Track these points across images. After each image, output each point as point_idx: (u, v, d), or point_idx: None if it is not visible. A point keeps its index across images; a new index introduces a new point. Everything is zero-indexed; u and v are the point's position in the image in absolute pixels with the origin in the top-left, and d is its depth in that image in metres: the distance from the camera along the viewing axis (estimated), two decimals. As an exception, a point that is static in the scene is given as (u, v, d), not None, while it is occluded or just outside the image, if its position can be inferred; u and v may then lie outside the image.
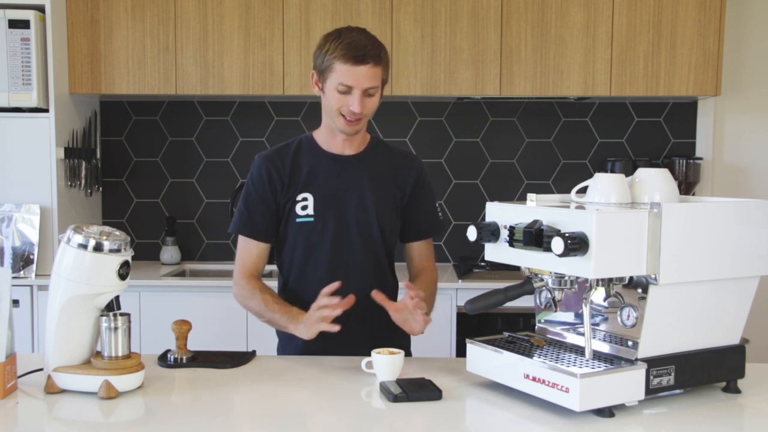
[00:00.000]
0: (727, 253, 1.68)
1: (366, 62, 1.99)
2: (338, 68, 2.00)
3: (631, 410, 1.60)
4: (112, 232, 1.74)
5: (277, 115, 3.89)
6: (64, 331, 1.72)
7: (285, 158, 2.13)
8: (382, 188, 2.15)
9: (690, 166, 3.73)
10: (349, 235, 2.12)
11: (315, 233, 2.11)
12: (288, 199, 2.11)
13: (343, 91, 2.01)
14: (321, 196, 2.11)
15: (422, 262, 2.24)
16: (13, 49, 3.29)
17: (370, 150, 2.19)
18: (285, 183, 2.11)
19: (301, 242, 2.12)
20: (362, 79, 2.00)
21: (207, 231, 3.95)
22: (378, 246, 2.15)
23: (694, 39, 3.45)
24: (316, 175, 2.12)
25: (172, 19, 3.51)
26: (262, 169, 2.13)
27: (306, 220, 2.11)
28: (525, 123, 3.88)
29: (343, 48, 2.00)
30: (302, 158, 2.14)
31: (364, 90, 2.01)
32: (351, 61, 1.98)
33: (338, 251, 2.12)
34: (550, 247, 1.53)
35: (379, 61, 2.03)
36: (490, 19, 3.47)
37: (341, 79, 2.00)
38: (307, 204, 2.11)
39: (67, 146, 3.48)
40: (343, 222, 2.11)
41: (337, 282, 1.97)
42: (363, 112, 2.03)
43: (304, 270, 2.14)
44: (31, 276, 3.30)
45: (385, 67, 2.06)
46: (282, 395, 1.79)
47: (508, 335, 1.84)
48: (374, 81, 2.02)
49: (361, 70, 1.99)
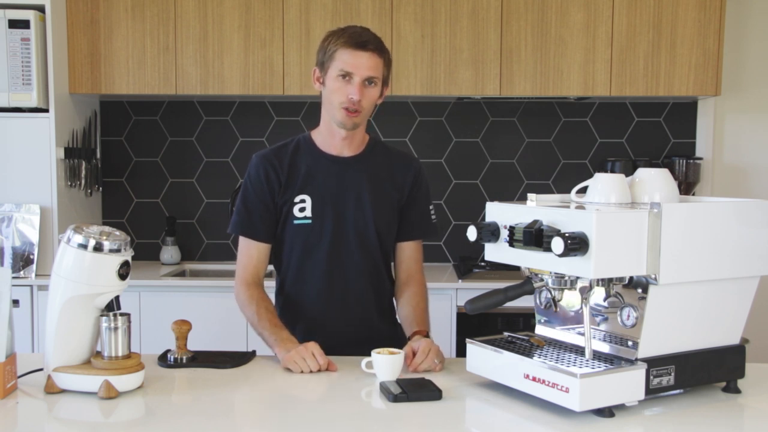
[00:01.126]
0: (727, 253, 1.68)
1: (367, 49, 2.01)
2: (339, 56, 2.01)
3: (631, 410, 1.60)
4: (112, 232, 1.74)
5: (277, 115, 3.89)
6: (64, 331, 1.72)
7: (283, 158, 2.12)
8: (380, 190, 2.14)
9: (690, 166, 3.73)
10: (346, 238, 2.11)
11: (313, 235, 2.10)
12: (285, 200, 2.11)
13: (344, 76, 2.01)
14: (319, 198, 2.10)
15: (411, 266, 2.21)
16: (13, 49, 3.29)
17: (369, 151, 2.18)
18: (282, 183, 2.11)
19: (298, 244, 2.12)
20: (363, 66, 2.00)
21: (207, 231, 3.95)
22: (375, 248, 2.14)
23: (694, 39, 3.45)
24: (314, 177, 2.11)
25: (172, 19, 3.51)
26: (259, 168, 2.12)
27: (304, 222, 2.10)
28: (525, 123, 3.88)
29: (345, 37, 2.02)
30: (300, 159, 2.13)
31: (364, 78, 2.01)
32: (352, 47, 2.00)
33: (335, 253, 2.11)
34: (550, 247, 1.53)
35: (381, 52, 2.04)
36: (490, 19, 3.47)
37: (342, 65, 2.01)
38: (305, 206, 2.10)
39: (67, 146, 3.48)
40: (341, 224, 2.11)
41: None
42: (362, 103, 2.02)
43: (302, 271, 2.13)
44: (31, 276, 3.30)
45: (386, 64, 2.07)
46: (282, 395, 1.79)
47: (508, 335, 1.83)
48: (375, 71, 2.02)
49: (362, 56, 2.00)
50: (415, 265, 2.22)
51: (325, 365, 1.89)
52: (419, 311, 2.12)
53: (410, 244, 2.21)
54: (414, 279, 2.20)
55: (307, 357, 1.89)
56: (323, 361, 1.89)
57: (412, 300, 2.15)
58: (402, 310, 2.17)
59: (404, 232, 2.21)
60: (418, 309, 2.13)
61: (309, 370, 1.88)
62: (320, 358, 1.89)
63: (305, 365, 1.88)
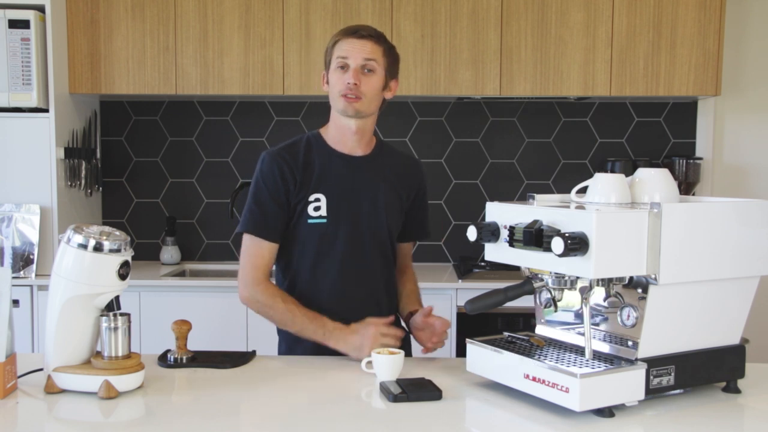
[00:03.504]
0: (727, 253, 1.68)
1: (360, 35, 2.04)
2: (337, 47, 2.06)
3: (631, 410, 1.60)
4: (112, 232, 1.73)
5: (277, 115, 3.89)
6: (64, 331, 1.72)
7: (297, 156, 2.09)
8: (391, 190, 2.16)
9: (690, 166, 3.73)
10: (361, 237, 2.10)
11: (328, 235, 2.08)
12: (300, 199, 2.07)
13: (341, 65, 2.03)
14: (334, 196, 2.08)
15: (404, 260, 2.30)
16: (13, 49, 3.29)
17: (378, 152, 2.18)
18: (298, 181, 2.06)
19: (311, 244, 2.08)
20: (356, 51, 2.02)
21: (207, 231, 3.95)
22: (387, 247, 2.16)
23: (694, 39, 3.45)
24: (328, 175, 2.09)
25: (172, 19, 3.51)
26: (273, 166, 2.06)
27: (319, 221, 2.07)
28: (525, 123, 3.89)
29: (342, 30, 2.09)
30: (313, 157, 2.10)
31: (360, 65, 2.02)
32: (347, 35, 2.05)
33: (351, 253, 2.09)
34: (550, 247, 1.53)
35: (378, 40, 2.06)
36: (490, 19, 3.47)
37: (338, 53, 2.05)
38: (319, 205, 2.07)
39: (67, 146, 3.48)
40: (356, 224, 2.09)
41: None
42: (361, 89, 2.02)
43: (314, 272, 2.09)
44: (31, 276, 3.30)
45: (387, 54, 2.08)
46: (282, 395, 1.79)
47: (508, 335, 1.83)
48: (370, 54, 2.03)
49: (356, 42, 2.03)
50: (407, 260, 2.32)
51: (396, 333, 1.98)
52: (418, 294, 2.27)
53: (407, 243, 2.29)
54: (408, 269, 2.32)
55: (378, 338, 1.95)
56: (393, 331, 1.98)
57: (412, 279, 2.29)
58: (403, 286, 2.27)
59: (407, 233, 2.23)
60: (417, 291, 2.27)
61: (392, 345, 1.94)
62: (385, 329, 1.97)
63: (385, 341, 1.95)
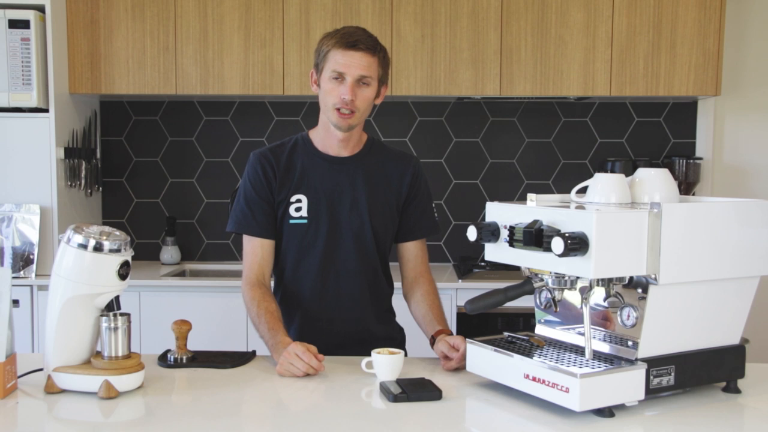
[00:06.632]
0: (727, 253, 1.67)
1: (358, 48, 1.99)
2: (331, 56, 2.01)
3: (631, 410, 1.60)
4: (112, 232, 1.73)
5: (277, 115, 3.89)
6: (64, 331, 1.72)
7: (280, 157, 2.12)
8: (376, 191, 2.14)
9: (690, 166, 3.73)
10: (341, 238, 2.10)
11: (308, 235, 2.10)
12: (282, 199, 2.10)
13: (336, 78, 2.00)
14: (314, 198, 2.10)
15: (417, 266, 2.20)
16: (13, 49, 3.29)
17: (366, 151, 2.17)
18: (278, 181, 2.10)
19: (293, 244, 2.11)
20: (354, 66, 1.99)
21: (207, 231, 3.95)
22: (371, 249, 2.13)
23: (694, 39, 3.45)
24: (309, 176, 2.11)
25: (172, 19, 3.51)
26: (257, 166, 2.11)
27: (299, 222, 2.10)
28: (525, 123, 3.88)
29: (337, 37, 2.02)
30: (297, 158, 2.13)
31: (356, 78, 2.00)
32: (343, 47, 2.00)
33: (330, 254, 2.10)
34: (550, 247, 1.53)
35: (374, 51, 2.02)
36: (490, 19, 3.47)
37: (334, 66, 2.00)
38: (300, 206, 2.10)
39: (67, 146, 3.48)
40: (336, 225, 2.10)
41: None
42: (355, 103, 2.01)
43: (297, 270, 2.12)
44: (31, 276, 3.30)
45: (382, 64, 2.05)
46: (282, 395, 1.79)
47: (508, 335, 1.83)
48: (367, 70, 2.00)
49: (353, 55, 1.99)
50: (421, 264, 2.21)
51: (313, 365, 1.84)
52: (436, 310, 2.12)
53: (414, 243, 2.21)
54: (423, 278, 2.19)
55: (294, 360, 1.84)
56: (307, 358, 1.84)
57: (426, 299, 2.14)
58: (417, 310, 2.15)
59: (407, 231, 2.20)
60: (435, 308, 2.12)
61: (300, 373, 1.84)
62: (304, 356, 1.84)
63: (295, 369, 1.84)
